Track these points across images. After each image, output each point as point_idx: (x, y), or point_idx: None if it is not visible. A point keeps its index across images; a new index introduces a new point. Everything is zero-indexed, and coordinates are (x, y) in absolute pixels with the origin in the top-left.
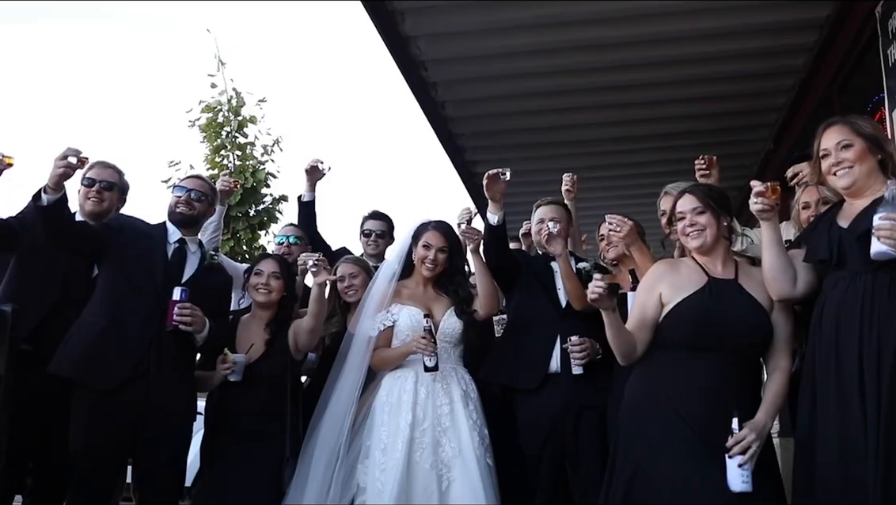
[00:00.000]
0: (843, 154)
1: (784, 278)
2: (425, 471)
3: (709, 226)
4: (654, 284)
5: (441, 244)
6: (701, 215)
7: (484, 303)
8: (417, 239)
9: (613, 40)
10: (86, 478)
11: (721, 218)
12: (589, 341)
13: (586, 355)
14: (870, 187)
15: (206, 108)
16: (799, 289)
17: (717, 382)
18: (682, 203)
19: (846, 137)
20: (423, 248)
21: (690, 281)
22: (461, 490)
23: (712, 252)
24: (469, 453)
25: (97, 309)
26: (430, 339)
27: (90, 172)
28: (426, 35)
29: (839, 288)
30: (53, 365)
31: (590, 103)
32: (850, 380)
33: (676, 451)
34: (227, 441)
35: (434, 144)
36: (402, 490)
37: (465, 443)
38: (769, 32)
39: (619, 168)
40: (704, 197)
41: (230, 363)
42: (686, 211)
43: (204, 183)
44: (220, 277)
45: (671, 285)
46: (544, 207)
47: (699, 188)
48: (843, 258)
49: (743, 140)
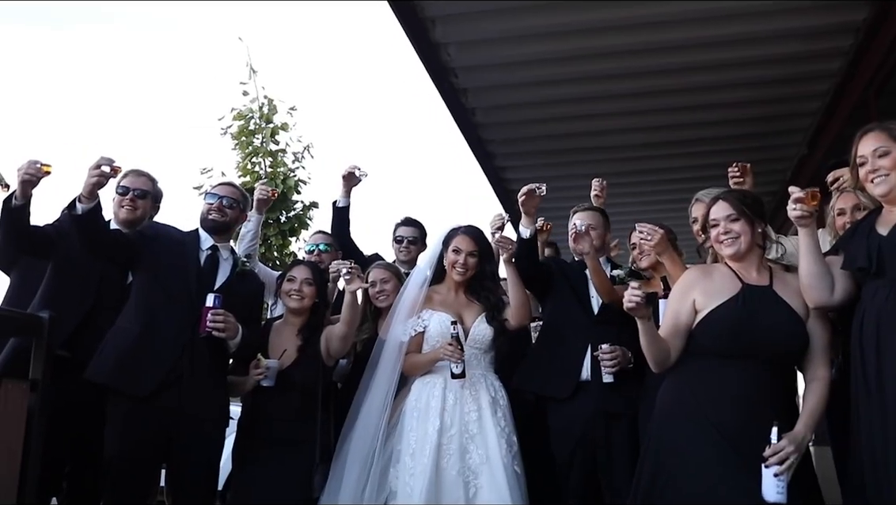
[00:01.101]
0: (879, 162)
1: (821, 286)
2: (452, 477)
3: (743, 233)
4: (687, 290)
5: (471, 248)
6: (735, 222)
7: (516, 313)
8: (448, 244)
9: (644, 46)
10: (120, 482)
11: (755, 224)
12: (620, 349)
13: (617, 363)
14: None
15: (237, 116)
16: (836, 297)
17: (751, 391)
18: (715, 210)
19: (883, 144)
20: (454, 252)
21: (724, 288)
22: (488, 497)
23: (746, 259)
24: (496, 461)
25: (131, 316)
26: (456, 346)
27: (124, 181)
28: (456, 42)
29: (879, 297)
30: (89, 371)
31: (620, 109)
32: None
33: (707, 458)
34: (259, 446)
35: (464, 151)
36: (431, 496)
37: (492, 450)
38: (804, 37)
39: (649, 174)
40: (738, 203)
41: (263, 368)
42: (720, 218)
43: (236, 190)
44: (252, 284)
45: (704, 292)
46: (580, 213)
47: (732, 194)
48: (883, 266)
49: (777, 145)
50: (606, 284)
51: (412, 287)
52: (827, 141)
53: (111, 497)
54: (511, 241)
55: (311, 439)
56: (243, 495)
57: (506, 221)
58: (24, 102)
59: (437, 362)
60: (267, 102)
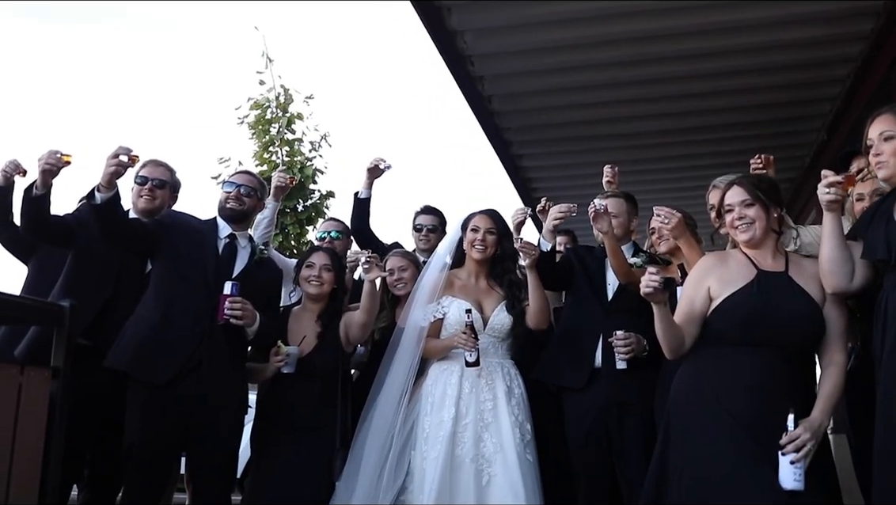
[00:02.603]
0: (883, 146)
1: (842, 272)
2: (466, 465)
3: (758, 218)
4: (703, 277)
5: (489, 226)
6: (750, 208)
7: (534, 318)
8: (465, 227)
9: (660, 32)
10: (140, 470)
11: (771, 210)
12: (635, 336)
13: (631, 350)
14: None
15: (254, 105)
16: (855, 283)
17: (766, 379)
18: (730, 195)
19: (889, 128)
20: (472, 231)
21: (739, 274)
22: (501, 485)
23: (762, 245)
24: (510, 449)
25: (150, 304)
26: (470, 334)
27: (142, 171)
28: (472, 29)
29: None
30: (108, 359)
31: (637, 96)
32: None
33: (722, 447)
34: (279, 432)
35: (481, 138)
36: (444, 482)
37: (506, 439)
38: (824, 21)
39: (668, 161)
40: (753, 189)
41: (283, 355)
42: (734, 203)
43: (253, 178)
44: (270, 271)
45: (720, 279)
46: (605, 198)
47: (748, 179)
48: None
49: (795, 131)
50: (624, 265)
51: (432, 271)
52: (846, 127)
53: (131, 484)
54: (534, 245)
55: (331, 425)
56: (264, 483)
57: (528, 215)
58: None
59: (453, 349)
60: (283, 92)
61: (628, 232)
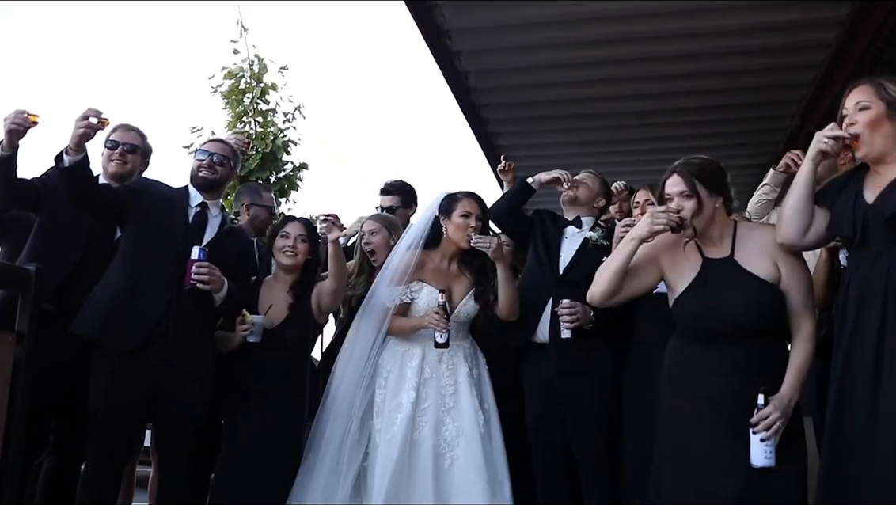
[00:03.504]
0: (856, 116)
1: (796, 224)
2: (424, 448)
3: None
4: (656, 248)
5: (478, 211)
6: (688, 200)
7: (504, 311)
8: (450, 210)
9: (639, 11)
10: (105, 437)
11: (713, 199)
12: (581, 306)
13: (576, 319)
14: (891, 153)
15: (228, 75)
16: (808, 239)
17: (733, 366)
18: (669, 183)
19: (865, 99)
20: (463, 217)
21: (689, 264)
22: (465, 468)
23: (707, 231)
24: (473, 432)
25: (118, 271)
26: (442, 315)
27: (113, 135)
28: (451, 3)
29: (863, 267)
30: (75, 325)
31: (614, 76)
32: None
33: (695, 430)
34: (249, 402)
35: (457, 115)
36: (401, 466)
37: (468, 422)
38: (800, 5)
39: (643, 142)
40: (691, 179)
41: (248, 324)
42: (673, 194)
43: (226, 147)
44: (240, 241)
45: (672, 266)
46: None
47: (687, 167)
48: (867, 236)
49: (770, 116)
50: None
51: (400, 251)
52: (820, 113)
53: (96, 451)
54: (489, 239)
55: (299, 396)
56: (232, 454)
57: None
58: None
59: (420, 330)
60: (258, 61)
61: (592, 205)
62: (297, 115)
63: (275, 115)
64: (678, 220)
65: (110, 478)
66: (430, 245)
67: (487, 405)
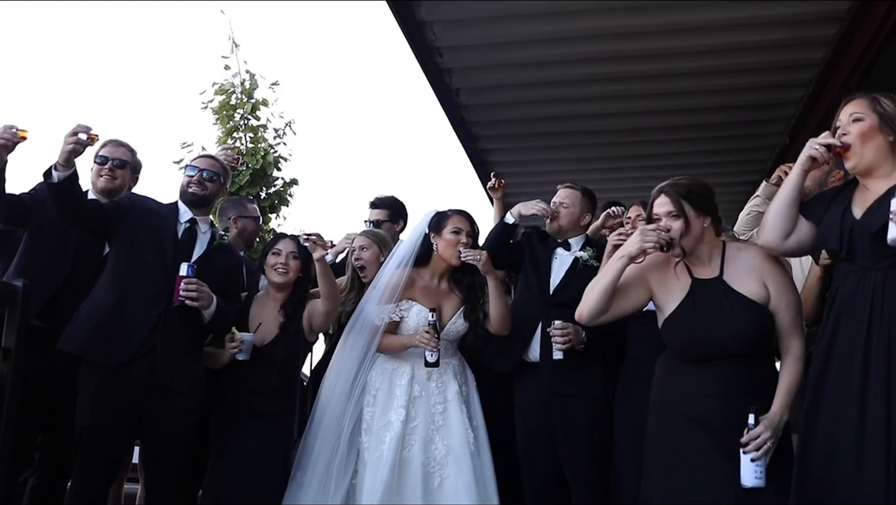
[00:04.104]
0: (849, 127)
1: (778, 227)
2: (413, 466)
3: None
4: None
5: (469, 228)
6: (675, 220)
7: (496, 325)
8: (440, 227)
9: (630, 29)
10: (91, 454)
11: (701, 219)
12: (573, 327)
13: (568, 341)
14: (881, 167)
15: (219, 91)
16: (788, 244)
17: (722, 386)
18: (657, 204)
19: (859, 111)
20: (454, 233)
21: (677, 284)
22: (455, 487)
23: (695, 251)
24: (462, 450)
25: (106, 286)
26: (433, 333)
27: (103, 150)
28: (442, 21)
29: (849, 284)
30: (62, 341)
31: (605, 93)
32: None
33: (685, 450)
34: (238, 420)
35: (448, 131)
36: (391, 485)
37: (457, 440)
38: (789, 24)
39: (633, 159)
40: (678, 199)
41: (238, 342)
42: (661, 214)
43: (216, 163)
44: (230, 258)
45: (661, 286)
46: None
47: (675, 188)
48: (853, 252)
49: (758, 134)
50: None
51: (389, 269)
52: (808, 131)
53: (82, 469)
54: (479, 252)
55: (289, 414)
56: (221, 471)
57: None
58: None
59: (410, 348)
60: (249, 77)
61: (578, 225)
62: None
63: (265, 130)
64: (668, 240)
65: (96, 495)
66: (421, 263)
67: (476, 422)
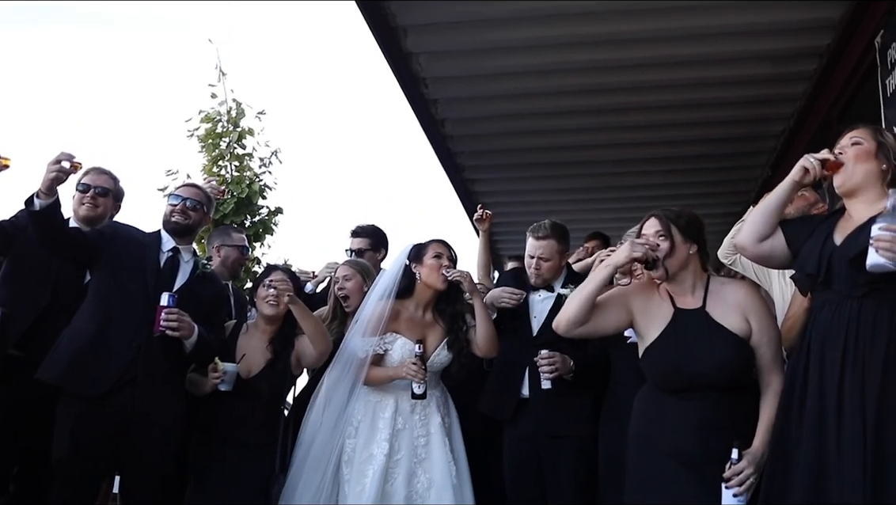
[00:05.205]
0: (848, 149)
1: (756, 229)
2: (398, 501)
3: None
4: (629, 291)
5: (449, 252)
6: (662, 241)
7: (483, 346)
8: (420, 256)
9: (615, 63)
10: (68, 486)
11: (687, 245)
12: (560, 356)
13: (555, 369)
14: (866, 192)
15: (205, 119)
16: (761, 249)
17: (700, 420)
18: (646, 226)
19: (860, 136)
20: (435, 258)
21: (660, 313)
22: None
23: (679, 279)
24: (445, 484)
25: (87, 316)
26: (420, 365)
27: (85, 178)
28: (427, 52)
29: (825, 313)
30: (40, 371)
31: (589, 125)
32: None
33: (663, 485)
34: (219, 451)
35: (433, 161)
36: None
37: (439, 473)
38: (770, 60)
39: (617, 190)
40: (667, 222)
41: (220, 372)
42: (649, 235)
43: (200, 192)
44: (213, 287)
45: (644, 313)
46: (532, 242)
47: (664, 212)
48: (830, 277)
49: (741, 166)
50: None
51: (372, 301)
52: (790, 164)
53: (58, 501)
54: (463, 271)
55: (271, 444)
56: (201, 500)
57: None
58: None
59: (397, 379)
60: (235, 106)
61: (560, 269)
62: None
63: (251, 159)
64: (654, 257)
65: None
66: (404, 295)
67: (458, 454)
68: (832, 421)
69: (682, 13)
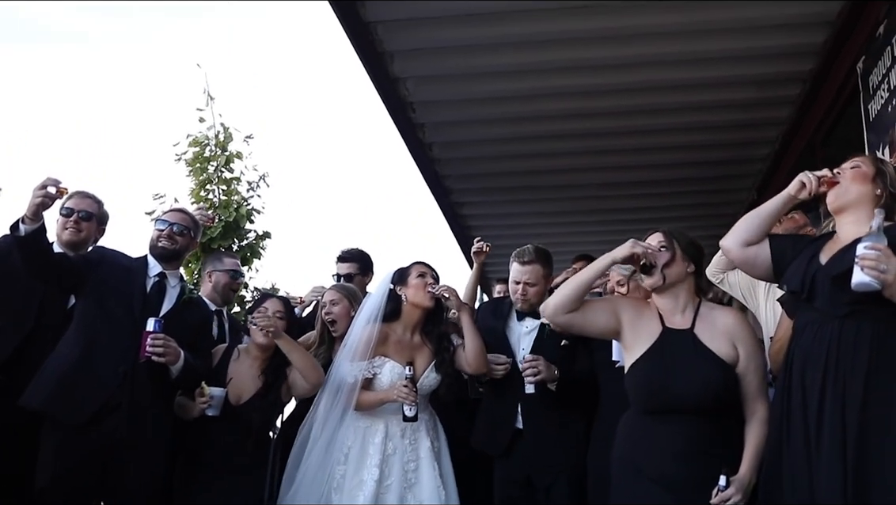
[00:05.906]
0: (847, 171)
1: (743, 233)
2: None
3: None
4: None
5: (431, 271)
6: (665, 251)
7: (473, 362)
8: (404, 278)
9: (602, 87)
10: None
11: (685, 262)
12: (543, 360)
13: (538, 373)
14: (856, 211)
15: (193, 143)
16: (746, 254)
17: (684, 444)
18: (650, 238)
19: (860, 161)
20: (420, 277)
21: (648, 328)
22: None
23: (671, 296)
24: None
25: (72, 341)
26: (411, 388)
27: (69, 202)
28: (414, 77)
29: (807, 334)
30: (24, 398)
31: (576, 149)
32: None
33: None
34: (204, 475)
35: (420, 185)
36: None
37: (429, 497)
38: (755, 84)
39: (604, 213)
40: (670, 236)
41: (207, 397)
42: (652, 244)
43: (187, 217)
44: (200, 312)
45: (632, 326)
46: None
47: (670, 229)
48: (813, 295)
49: (726, 189)
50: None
51: (359, 326)
52: (775, 187)
53: None
54: (449, 287)
55: (259, 468)
56: None
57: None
58: None
59: (385, 403)
60: (223, 130)
61: (545, 294)
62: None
63: (239, 183)
64: (654, 261)
65: None
66: (392, 318)
67: (447, 478)
68: (814, 441)
69: (668, 38)
